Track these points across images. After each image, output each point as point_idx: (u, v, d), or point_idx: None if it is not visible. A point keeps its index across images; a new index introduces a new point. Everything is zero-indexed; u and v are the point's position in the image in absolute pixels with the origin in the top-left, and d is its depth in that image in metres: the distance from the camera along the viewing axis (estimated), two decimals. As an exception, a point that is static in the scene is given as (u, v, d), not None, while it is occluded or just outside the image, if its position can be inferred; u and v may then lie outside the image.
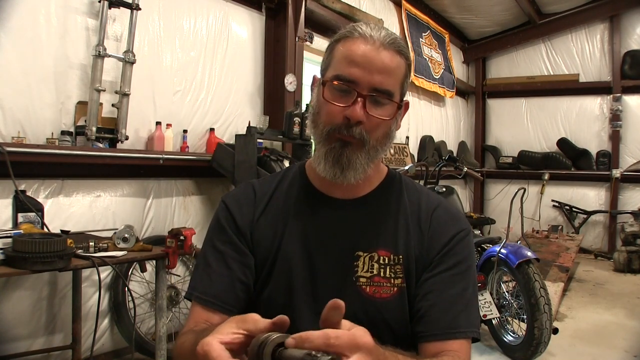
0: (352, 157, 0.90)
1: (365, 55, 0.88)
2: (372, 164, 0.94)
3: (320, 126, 0.93)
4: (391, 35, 0.92)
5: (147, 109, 2.99)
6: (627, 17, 6.41)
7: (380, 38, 0.90)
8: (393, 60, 0.90)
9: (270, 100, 3.79)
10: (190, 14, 3.25)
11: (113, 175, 2.80)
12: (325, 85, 0.92)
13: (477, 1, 6.18)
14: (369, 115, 0.89)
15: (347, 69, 0.89)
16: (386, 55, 0.89)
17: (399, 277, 0.93)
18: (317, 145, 0.95)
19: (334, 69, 0.92)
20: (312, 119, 0.96)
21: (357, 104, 0.88)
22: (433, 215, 0.98)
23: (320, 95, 0.93)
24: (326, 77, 0.93)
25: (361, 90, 0.88)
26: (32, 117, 2.42)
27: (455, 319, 0.90)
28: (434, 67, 6.06)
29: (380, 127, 0.91)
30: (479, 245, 3.27)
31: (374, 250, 0.94)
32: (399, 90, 0.93)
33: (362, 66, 0.88)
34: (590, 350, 3.14)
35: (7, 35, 2.32)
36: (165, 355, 2.26)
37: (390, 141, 0.96)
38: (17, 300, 2.34)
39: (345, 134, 0.90)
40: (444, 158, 3.65)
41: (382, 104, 0.90)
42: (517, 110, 7.26)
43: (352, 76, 0.88)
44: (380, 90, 0.89)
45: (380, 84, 0.89)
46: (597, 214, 6.46)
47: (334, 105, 0.90)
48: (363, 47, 0.89)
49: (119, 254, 2.01)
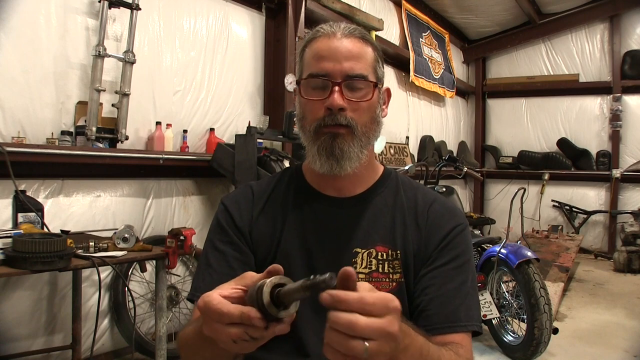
0: (343, 146, 0.92)
1: (330, 48, 0.93)
2: (365, 152, 0.95)
3: (307, 126, 0.95)
4: (352, 26, 0.97)
5: (147, 109, 2.99)
6: (627, 17, 6.41)
7: (341, 30, 0.95)
8: (357, 46, 0.94)
9: (270, 100, 3.79)
10: (190, 14, 3.24)
11: (113, 175, 2.80)
12: (300, 84, 0.96)
13: (477, 1, 6.18)
14: (350, 100, 0.92)
15: (317, 65, 0.93)
16: (350, 43, 0.94)
17: (397, 272, 0.94)
18: (309, 145, 0.96)
19: (306, 70, 0.96)
20: (300, 125, 0.99)
21: (334, 93, 0.91)
22: (430, 210, 0.99)
23: (300, 97, 0.97)
24: (300, 78, 0.97)
25: (335, 79, 0.91)
26: (32, 117, 2.42)
27: (455, 312, 0.90)
28: (434, 67, 6.06)
29: (364, 111, 0.94)
30: (479, 245, 3.27)
31: (371, 246, 0.95)
32: (373, 73, 0.95)
33: (330, 58, 0.92)
34: (590, 350, 3.14)
35: (7, 35, 2.32)
36: (165, 355, 2.26)
37: (379, 127, 0.98)
38: (17, 300, 2.34)
39: (331, 124, 0.92)
40: (444, 158, 3.65)
41: (359, 87, 0.93)
42: (517, 110, 7.25)
43: (323, 70, 0.92)
44: (352, 76, 0.92)
45: (351, 69, 0.92)
46: (597, 214, 6.46)
47: (313, 101, 0.93)
48: (327, 41, 0.94)
49: (119, 254, 2.01)
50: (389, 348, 0.59)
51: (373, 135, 0.97)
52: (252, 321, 0.60)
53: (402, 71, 5.66)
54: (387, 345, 0.58)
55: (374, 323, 0.56)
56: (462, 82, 7.11)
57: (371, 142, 0.97)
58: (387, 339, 0.58)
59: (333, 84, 0.91)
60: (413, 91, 5.95)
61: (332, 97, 0.91)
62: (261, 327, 0.61)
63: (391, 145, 5.25)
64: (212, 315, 0.63)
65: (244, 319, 0.60)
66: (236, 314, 0.61)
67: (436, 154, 6.01)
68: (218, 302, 0.62)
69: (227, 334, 0.62)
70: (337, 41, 0.93)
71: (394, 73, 5.60)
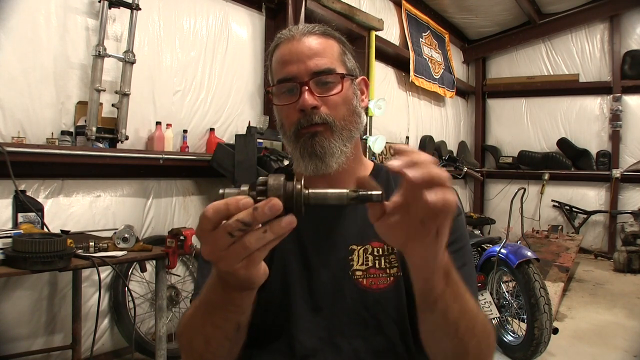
0: (324, 143, 0.91)
1: (291, 51, 0.93)
2: (349, 145, 0.94)
3: (287, 132, 0.95)
4: (311, 25, 0.97)
5: (147, 109, 2.99)
6: (627, 17, 6.41)
7: (300, 31, 0.95)
8: (318, 42, 0.94)
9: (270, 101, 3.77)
10: (190, 14, 3.24)
11: (113, 175, 2.80)
12: (271, 93, 0.96)
13: (477, 1, 6.18)
14: (321, 97, 0.91)
15: (282, 70, 0.93)
16: (309, 41, 0.93)
17: (394, 267, 0.93)
18: (292, 150, 0.96)
19: (275, 77, 0.96)
20: (281, 132, 0.99)
21: (303, 93, 0.90)
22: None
23: (274, 105, 0.97)
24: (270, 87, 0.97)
25: (302, 80, 0.91)
26: (32, 117, 2.42)
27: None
28: (434, 67, 6.06)
29: (339, 105, 0.93)
30: (479, 245, 3.27)
31: (367, 242, 0.95)
32: (340, 65, 0.95)
33: (293, 61, 0.92)
34: (590, 350, 3.14)
35: (7, 35, 2.32)
36: (165, 355, 2.26)
37: (359, 118, 0.97)
38: (17, 300, 2.34)
39: (307, 124, 0.91)
40: (444, 158, 3.66)
41: (328, 82, 0.92)
42: (517, 110, 7.25)
43: (289, 73, 0.92)
44: (318, 72, 0.91)
45: (316, 66, 0.91)
46: (597, 214, 6.46)
47: (287, 106, 0.93)
48: (288, 45, 0.94)
49: (119, 254, 2.01)
50: (445, 228, 0.58)
51: (355, 128, 0.96)
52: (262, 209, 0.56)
53: (402, 71, 5.66)
54: (449, 217, 0.57)
55: (445, 173, 0.56)
56: (462, 82, 7.11)
57: (354, 135, 0.96)
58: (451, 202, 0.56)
59: (301, 85, 0.91)
60: (413, 91, 5.95)
61: (302, 98, 0.90)
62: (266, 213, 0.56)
63: (391, 145, 5.25)
64: (207, 215, 0.57)
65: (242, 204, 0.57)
66: (233, 200, 0.57)
67: (436, 154, 6.01)
68: (211, 206, 0.57)
69: (224, 228, 0.57)
70: (297, 42, 0.93)
71: (394, 73, 5.61)
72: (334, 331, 0.92)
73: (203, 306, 0.73)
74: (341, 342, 0.92)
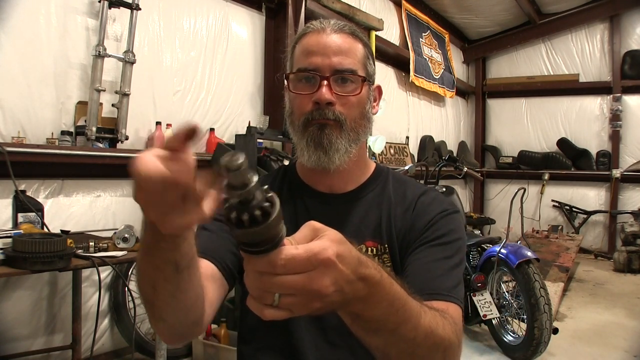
0: (331, 137, 0.92)
1: (319, 43, 0.93)
2: (354, 147, 0.95)
3: (295, 121, 0.95)
4: (342, 22, 0.98)
5: (147, 109, 2.99)
6: (627, 17, 6.40)
7: (331, 25, 0.95)
8: (347, 41, 0.95)
9: (270, 100, 3.79)
10: (190, 14, 3.24)
11: (113, 175, 2.79)
12: (289, 78, 0.96)
13: (477, 1, 6.17)
14: (338, 95, 0.92)
15: (306, 60, 0.94)
16: (339, 38, 0.94)
17: (386, 266, 0.93)
18: (298, 139, 0.96)
19: (296, 65, 0.96)
20: (289, 121, 0.98)
21: (322, 87, 0.91)
22: (418, 201, 0.98)
23: (288, 91, 0.96)
24: (290, 73, 0.97)
25: (323, 74, 0.91)
26: (32, 117, 2.42)
27: (434, 281, 0.85)
28: (434, 67, 6.06)
29: (353, 106, 0.94)
30: (479, 245, 3.27)
31: (362, 242, 0.95)
32: (362, 69, 0.95)
33: (319, 53, 0.93)
34: (590, 350, 3.14)
35: (7, 35, 2.32)
36: (165, 355, 2.26)
37: (369, 123, 0.98)
38: (17, 300, 2.34)
39: (319, 117, 0.91)
40: (444, 158, 3.65)
41: (348, 82, 0.93)
42: (517, 110, 7.25)
43: (312, 64, 0.92)
44: (341, 70, 0.92)
45: (340, 64, 0.92)
46: (597, 214, 6.46)
47: (302, 95, 0.93)
48: (317, 37, 0.94)
49: (119, 254, 2.01)
50: (320, 303, 0.54)
51: (363, 132, 0.96)
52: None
53: (402, 71, 5.66)
54: (313, 301, 0.54)
55: (289, 280, 0.52)
56: (462, 82, 7.11)
57: (361, 138, 0.96)
58: (308, 295, 0.53)
59: (321, 79, 0.91)
60: (413, 91, 5.95)
61: (320, 91, 0.91)
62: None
63: (391, 145, 5.25)
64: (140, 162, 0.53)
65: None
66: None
67: (436, 154, 6.01)
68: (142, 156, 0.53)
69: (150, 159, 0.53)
70: (327, 36, 0.93)
71: (394, 73, 5.60)
72: (330, 329, 0.93)
73: (142, 248, 0.68)
74: (338, 340, 0.93)
